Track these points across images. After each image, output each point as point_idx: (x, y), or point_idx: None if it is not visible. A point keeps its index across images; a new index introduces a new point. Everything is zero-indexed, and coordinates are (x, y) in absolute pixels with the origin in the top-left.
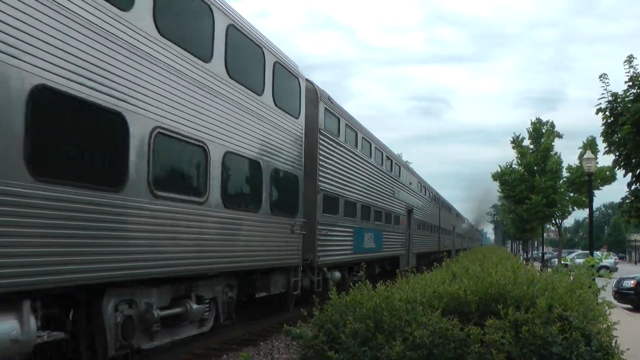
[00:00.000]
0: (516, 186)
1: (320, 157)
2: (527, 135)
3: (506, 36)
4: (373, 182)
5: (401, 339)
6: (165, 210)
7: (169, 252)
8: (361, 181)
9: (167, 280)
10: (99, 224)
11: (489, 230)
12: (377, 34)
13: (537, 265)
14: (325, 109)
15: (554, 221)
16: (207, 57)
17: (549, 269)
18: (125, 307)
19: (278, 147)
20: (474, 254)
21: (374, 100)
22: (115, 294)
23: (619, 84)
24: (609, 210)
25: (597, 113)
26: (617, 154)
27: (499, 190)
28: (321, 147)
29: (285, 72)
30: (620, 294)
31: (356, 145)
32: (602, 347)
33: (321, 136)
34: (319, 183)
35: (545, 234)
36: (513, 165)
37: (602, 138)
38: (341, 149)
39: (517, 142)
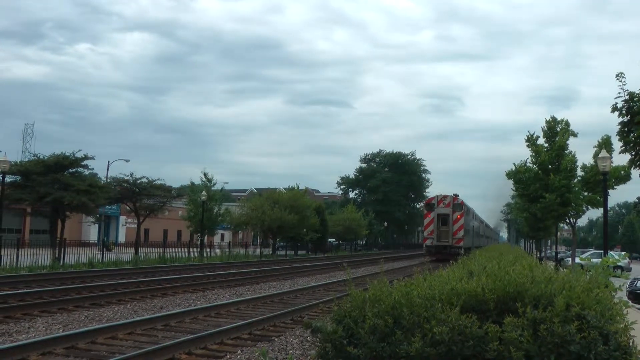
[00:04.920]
0: (530, 184)
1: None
2: (541, 134)
3: (518, 34)
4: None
5: (420, 335)
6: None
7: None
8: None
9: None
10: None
11: (501, 229)
12: (388, 31)
13: (551, 264)
14: (476, 215)
15: (568, 220)
16: (480, 222)
17: (564, 269)
18: None
19: (487, 228)
20: (489, 252)
21: (386, 97)
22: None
23: (634, 82)
24: (623, 210)
25: (612, 112)
26: (633, 153)
27: (513, 188)
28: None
29: (479, 217)
30: (634, 294)
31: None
32: (620, 347)
33: (478, 222)
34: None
35: (558, 233)
36: (527, 164)
37: (617, 137)
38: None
39: (531, 141)
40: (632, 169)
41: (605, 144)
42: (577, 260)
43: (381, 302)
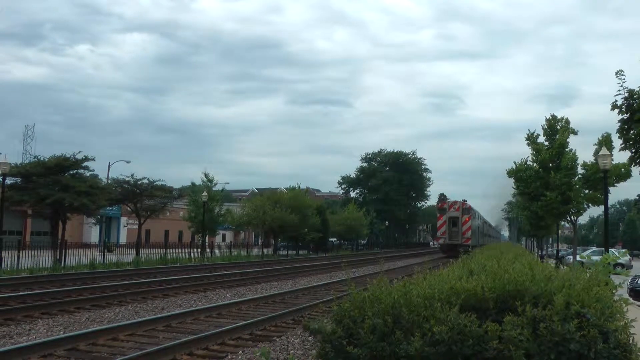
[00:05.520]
0: (531, 183)
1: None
2: (541, 132)
3: (518, 32)
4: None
5: (420, 334)
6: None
7: (476, 240)
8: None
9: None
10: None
11: (503, 227)
12: (388, 30)
13: (552, 262)
14: (481, 216)
15: (568, 218)
16: (484, 223)
17: (564, 267)
18: None
19: (490, 228)
20: (490, 250)
21: (387, 96)
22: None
23: (634, 79)
24: (624, 208)
25: (612, 109)
26: (633, 150)
27: (514, 187)
28: (485, 225)
29: (484, 218)
30: (636, 292)
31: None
32: (620, 345)
33: (482, 223)
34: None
35: (559, 231)
36: (528, 162)
37: (617, 134)
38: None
39: (532, 139)
40: (632, 166)
41: (605, 141)
42: (578, 258)
43: (380, 302)
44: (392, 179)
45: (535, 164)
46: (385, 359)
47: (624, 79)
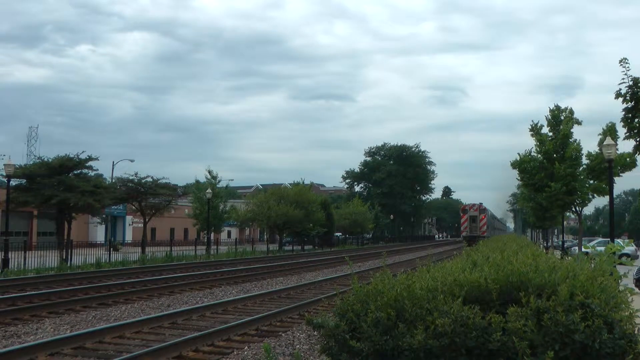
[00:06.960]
0: (535, 174)
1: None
2: (545, 123)
3: (519, 23)
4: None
5: (423, 327)
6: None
7: (490, 233)
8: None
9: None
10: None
11: (508, 219)
12: (389, 23)
13: (557, 253)
14: (491, 214)
15: (574, 209)
16: (493, 218)
17: (569, 257)
18: None
19: (497, 222)
20: (494, 242)
21: (389, 89)
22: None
23: (639, 67)
24: (630, 198)
25: (616, 98)
26: (638, 139)
27: (518, 178)
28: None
29: (493, 214)
30: None
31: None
32: (625, 335)
33: (492, 218)
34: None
35: (565, 222)
36: (532, 153)
37: (622, 123)
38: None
39: (535, 130)
40: (637, 155)
41: (610, 131)
42: (583, 249)
43: (383, 295)
44: (396, 173)
45: (539, 155)
46: (388, 352)
47: (628, 67)
